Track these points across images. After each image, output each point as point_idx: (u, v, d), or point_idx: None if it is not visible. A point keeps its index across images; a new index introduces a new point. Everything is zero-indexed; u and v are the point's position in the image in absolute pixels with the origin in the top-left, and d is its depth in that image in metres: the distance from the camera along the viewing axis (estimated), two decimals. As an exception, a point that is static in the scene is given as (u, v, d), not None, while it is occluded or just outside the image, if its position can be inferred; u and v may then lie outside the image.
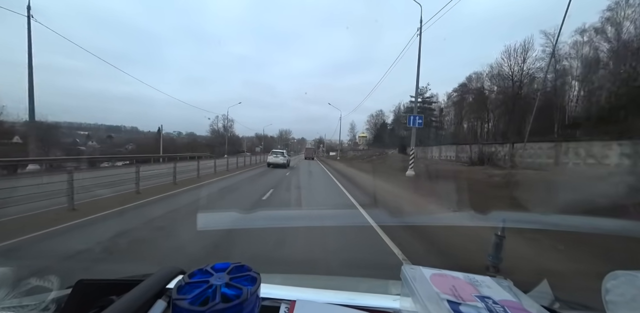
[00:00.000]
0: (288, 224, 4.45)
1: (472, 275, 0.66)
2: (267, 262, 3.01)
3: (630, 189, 6.56)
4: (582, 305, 0.76)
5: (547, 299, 0.75)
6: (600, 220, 4.06)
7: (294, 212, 5.95)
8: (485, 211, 4.82)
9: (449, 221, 4.90)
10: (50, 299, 0.65)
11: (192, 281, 0.50)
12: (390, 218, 5.27)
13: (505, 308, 0.52)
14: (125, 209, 5.59)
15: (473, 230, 3.92)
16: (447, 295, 0.55)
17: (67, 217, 4.75)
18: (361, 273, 2.80)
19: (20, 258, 3.18)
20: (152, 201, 6.57)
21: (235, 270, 0.54)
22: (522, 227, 3.74)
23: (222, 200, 7.18)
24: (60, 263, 2.97)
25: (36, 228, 4.08)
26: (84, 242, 3.63)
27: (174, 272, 0.69)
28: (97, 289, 0.64)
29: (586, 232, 3.63)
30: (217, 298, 0.45)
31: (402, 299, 0.65)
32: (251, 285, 0.50)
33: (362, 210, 6.02)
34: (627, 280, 0.55)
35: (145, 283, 0.61)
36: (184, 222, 4.66)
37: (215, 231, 3.90)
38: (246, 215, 5.12)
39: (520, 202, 6.30)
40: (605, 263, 3.05)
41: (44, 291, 0.70)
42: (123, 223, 4.63)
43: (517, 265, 2.06)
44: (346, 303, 0.66)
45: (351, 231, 4.50)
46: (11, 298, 0.67)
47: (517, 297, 0.58)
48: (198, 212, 5.22)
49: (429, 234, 4.21)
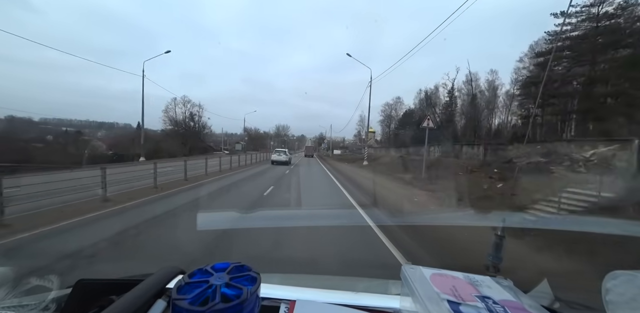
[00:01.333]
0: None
1: (472, 275, 0.66)
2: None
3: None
4: (582, 305, 0.76)
5: (547, 299, 0.75)
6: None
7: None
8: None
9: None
10: (50, 299, 0.65)
11: (192, 281, 0.50)
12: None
13: (505, 308, 0.52)
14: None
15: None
16: (447, 295, 0.54)
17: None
18: (361, 273, 2.80)
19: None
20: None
21: (235, 270, 0.54)
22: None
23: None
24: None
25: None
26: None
27: (173, 272, 0.69)
28: (97, 289, 0.64)
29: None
30: (217, 298, 0.45)
31: (402, 299, 0.65)
32: (251, 285, 0.50)
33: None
34: (627, 280, 0.55)
35: (145, 283, 0.61)
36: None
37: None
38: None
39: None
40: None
41: (44, 291, 0.70)
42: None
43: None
44: (346, 303, 0.66)
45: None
46: (11, 298, 0.68)
47: (517, 297, 0.58)
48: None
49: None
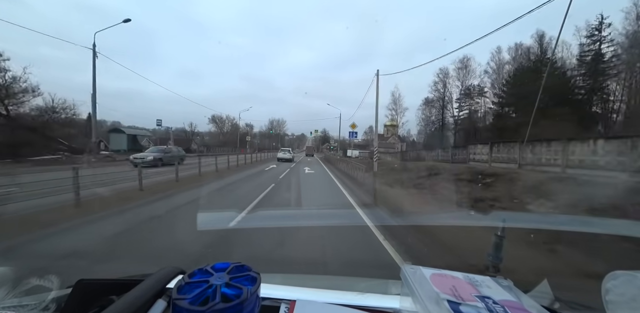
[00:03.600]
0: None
1: (472, 275, 0.66)
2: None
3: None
4: (582, 305, 0.76)
5: (547, 299, 0.75)
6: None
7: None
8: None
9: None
10: (50, 299, 0.65)
11: (192, 281, 0.50)
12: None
13: (505, 308, 0.52)
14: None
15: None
16: (447, 295, 0.54)
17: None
18: (361, 273, 2.80)
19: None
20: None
21: (235, 270, 0.54)
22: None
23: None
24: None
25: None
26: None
27: (174, 272, 0.69)
28: (97, 289, 0.64)
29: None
30: (217, 298, 0.45)
31: (402, 299, 0.65)
32: (251, 285, 0.50)
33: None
34: (627, 280, 0.55)
35: (145, 283, 0.61)
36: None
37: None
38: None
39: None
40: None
41: (44, 291, 0.70)
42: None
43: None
44: (346, 303, 0.66)
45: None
46: (11, 298, 0.67)
47: (517, 297, 0.58)
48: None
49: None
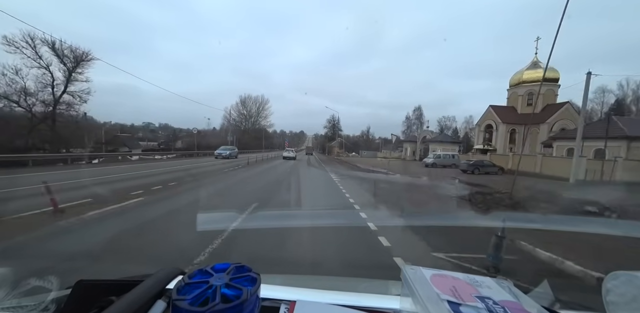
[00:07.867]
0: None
1: (472, 276, 0.66)
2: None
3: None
4: (582, 305, 0.76)
5: (548, 299, 0.75)
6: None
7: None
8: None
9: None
10: (49, 299, 0.65)
11: (192, 281, 0.50)
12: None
13: (505, 309, 0.52)
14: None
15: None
16: (447, 296, 0.54)
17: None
18: (361, 273, 2.80)
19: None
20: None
21: (235, 270, 0.54)
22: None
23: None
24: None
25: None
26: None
27: (174, 273, 0.69)
28: (97, 289, 0.64)
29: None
30: (217, 298, 0.45)
31: (402, 300, 0.65)
32: (251, 285, 0.50)
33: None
34: (627, 280, 0.55)
35: (145, 284, 0.61)
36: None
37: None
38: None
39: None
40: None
41: (44, 291, 0.70)
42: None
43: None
44: (346, 304, 0.66)
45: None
46: (11, 299, 0.67)
47: (517, 298, 0.58)
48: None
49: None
